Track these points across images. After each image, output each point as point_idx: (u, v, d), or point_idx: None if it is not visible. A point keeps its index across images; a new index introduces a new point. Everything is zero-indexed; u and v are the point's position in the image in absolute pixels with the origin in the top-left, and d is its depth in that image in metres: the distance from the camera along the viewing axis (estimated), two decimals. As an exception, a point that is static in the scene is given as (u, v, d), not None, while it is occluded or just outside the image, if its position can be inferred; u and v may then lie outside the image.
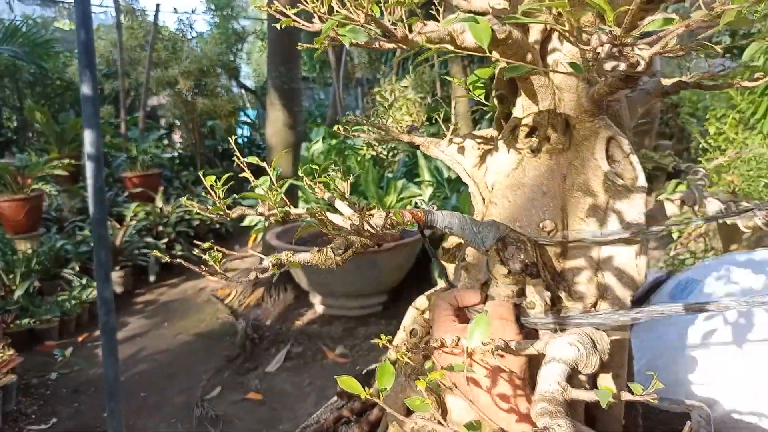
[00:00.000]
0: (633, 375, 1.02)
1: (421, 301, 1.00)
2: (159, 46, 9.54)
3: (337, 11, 0.65)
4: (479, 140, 1.02)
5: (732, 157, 2.92)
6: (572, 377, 0.69)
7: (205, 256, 0.67)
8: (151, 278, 5.88)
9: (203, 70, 9.40)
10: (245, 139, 12.28)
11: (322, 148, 6.74)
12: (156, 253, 0.77)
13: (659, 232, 0.89)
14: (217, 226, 7.24)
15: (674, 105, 6.04)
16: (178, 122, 10.28)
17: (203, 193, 6.71)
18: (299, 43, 0.71)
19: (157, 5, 9.58)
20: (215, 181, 0.77)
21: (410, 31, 0.69)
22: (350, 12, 0.63)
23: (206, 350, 4.32)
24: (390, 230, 0.69)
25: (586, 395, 0.60)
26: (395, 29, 0.66)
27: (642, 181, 0.86)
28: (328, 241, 0.73)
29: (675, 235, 4.04)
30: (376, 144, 6.65)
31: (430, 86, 6.74)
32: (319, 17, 0.67)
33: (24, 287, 4.98)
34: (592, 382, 0.87)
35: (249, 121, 12.50)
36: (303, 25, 0.70)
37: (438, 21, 0.78)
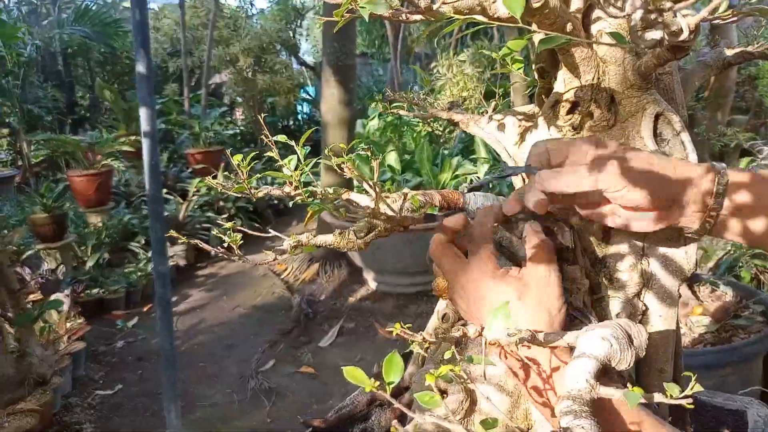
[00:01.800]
0: (681, 369, 0.95)
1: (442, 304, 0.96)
2: (221, 23, 9.71)
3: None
4: (520, 117, 0.97)
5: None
6: (606, 372, 0.64)
7: (225, 237, 0.66)
8: (212, 252, 6.06)
9: (263, 47, 9.51)
10: (305, 116, 12.41)
11: (378, 124, 6.71)
12: (216, 232, 0.77)
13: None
14: (275, 201, 7.37)
15: (751, 77, 5.65)
16: (239, 99, 10.48)
17: (261, 170, 6.84)
18: (317, 17, 0.68)
19: (219, -17, 9.73)
20: (242, 161, 0.76)
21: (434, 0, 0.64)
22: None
23: (262, 323, 4.43)
24: (411, 214, 0.66)
25: (616, 393, 0.55)
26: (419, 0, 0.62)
27: (693, 160, 0.79)
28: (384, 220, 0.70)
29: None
30: (432, 120, 6.55)
31: (488, 60, 6.56)
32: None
33: (95, 259, 5.25)
34: (632, 377, 0.82)
35: (308, 97, 12.60)
36: (330, -1, 0.67)
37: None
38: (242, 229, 0.69)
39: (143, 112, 2.26)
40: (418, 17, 0.68)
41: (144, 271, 5.22)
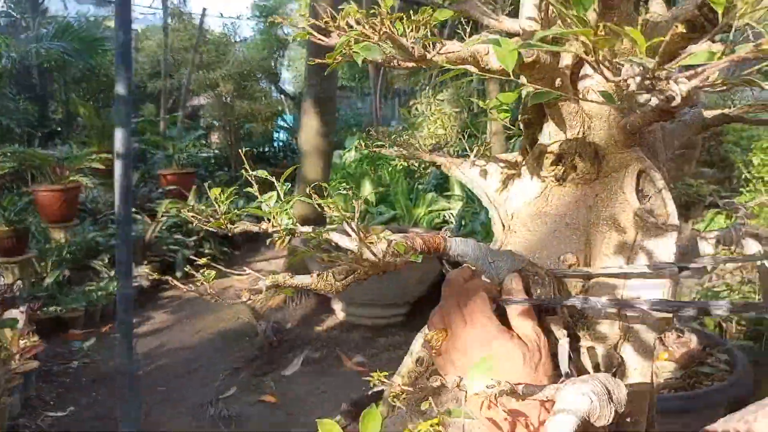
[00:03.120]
0: (655, 422, 0.95)
1: (433, 317, 0.95)
2: (204, 49, 9.72)
3: (354, 27, 0.62)
4: (503, 164, 0.98)
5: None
6: (585, 429, 0.63)
7: (198, 275, 0.64)
8: (178, 274, 5.95)
9: (244, 74, 9.54)
10: (281, 143, 12.40)
11: (355, 156, 6.75)
12: (184, 254, 0.74)
13: (691, 274, 0.84)
14: (247, 226, 7.28)
15: (718, 133, 5.87)
16: (216, 123, 10.44)
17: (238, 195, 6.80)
18: (311, 59, 0.68)
19: (204, 9, 9.77)
20: (220, 194, 0.75)
21: (430, 49, 0.65)
22: (365, 29, 0.59)
23: (226, 349, 4.33)
24: (393, 260, 0.65)
25: (596, 454, 0.55)
26: (413, 48, 0.62)
27: (674, 219, 0.80)
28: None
29: (709, 267, 3.90)
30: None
31: (466, 101, 6.69)
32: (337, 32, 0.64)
33: (54, 275, 5.10)
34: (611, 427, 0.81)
35: (285, 125, 12.62)
36: (318, 39, 0.67)
37: (464, 40, 0.74)
38: (214, 265, 0.68)
39: (119, 133, 2.22)
40: (410, 64, 0.68)
41: (105, 290, 5.08)
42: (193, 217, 0.75)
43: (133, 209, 6.42)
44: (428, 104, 6.58)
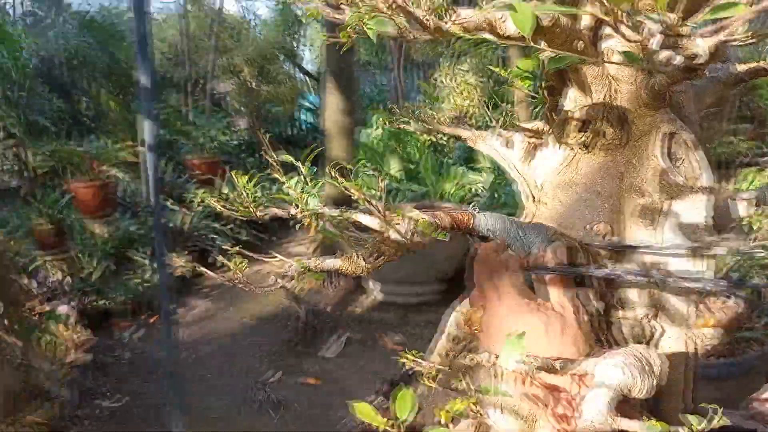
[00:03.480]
0: (695, 388, 0.94)
1: (471, 296, 0.95)
2: (223, 33, 9.74)
3: (366, 1, 0.60)
4: (528, 134, 0.96)
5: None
6: (626, 400, 0.62)
7: (228, 263, 0.65)
8: (225, 262, 6.06)
9: (265, 56, 9.53)
10: (307, 125, 12.39)
11: (380, 133, 6.71)
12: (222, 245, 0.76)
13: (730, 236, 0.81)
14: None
15: (754, 86, 5.63)
16: (242, 109, 10.49)
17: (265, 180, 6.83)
18: (322, 33, 0.67)
19: (220, -8, 9.76)
20: (246, 181, 0.75)
21: (444, 19, 0.63)
22: (377, 2, 0.58)
23: (268, 334, 4.41)
24: (420, 238, 0.65)
25: (635, 425, 0.54)
26: (426, 19, 0.61)
27: (706, 180, 0.78)
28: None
29: (755, 226, 3.77)
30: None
31: (490, 69, 6.55)
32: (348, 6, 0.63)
33: (100, 269, 5.24)
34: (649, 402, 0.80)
35: (309, 106, 12.60)
36: (330, 15, 0.66)
37: (479, 7, 0.72)
38: (245, 252, 0.68)
39: (146, 125, 2.26)
40: (426, 36, 0.67)
41: (149, 282, 5.20)
42: (222, 206, 0.76)
43: (168, 199, 6.55)
44: (452, 76, 6.48)
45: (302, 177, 0.77)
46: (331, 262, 0.64)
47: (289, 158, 0.78)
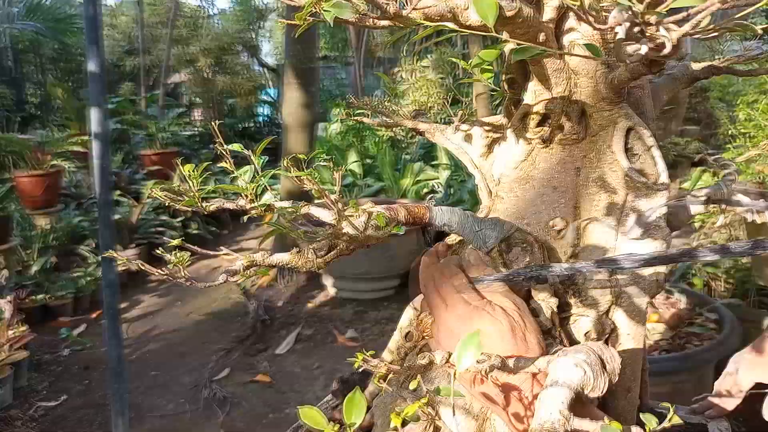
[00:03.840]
0: (647, 385, 0.94)
1: (421, 301, 0.92)
2: (180, 22, 9.50)
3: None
4: (487, 128, 0.94)
5: (766, 148, 2.79)
6: (579, 399, 0.61)
7: (170, 257, 0.61)
8: (166, 256, 5.91)
9: (223, 47, 9.34)
10: (265, 118, 12.23)
11: (339, 128, 6.66)
12: (172, 238, 0.71)
13: (679, 234, 0.81)
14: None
15: (703, 89, 5.84)
16: (198, 100, 10.27)
17: (220, 172, 6.71)
18: (280, 20, 0.64)
19: (178, -19, 9.51)
20: (193, 170, 0.71)
21: (406, 5, 0.60)
22: (334, -17, 0.55)
23: (217, 330, 4.32)
24: (376, 232, 0.62)
25: (591, 426, 0.52)
26: (386, 4, 0.58)
27: (664, 177, 0.78)
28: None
29: (697, 225, 3.91)
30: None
31: (450, 66, 6.60)
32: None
33: (41, 263, 5.02)
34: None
35: (269, 99, 12.43)
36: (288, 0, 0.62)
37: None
38: (189, 246, 0.64)
39: (94, 113, 2.16)
40: (385, 23, 0.64)
41: (93, 276, 5.02)
42: (165, 197, 0.72)
43: (118, 191, 6.34)
44: (412, 72, 6.49)
45: (254, 168, 0.73)
46: (280, 257, 0.61)
47: (239, 147, 0.74)
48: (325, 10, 0.58)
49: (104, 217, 2.20)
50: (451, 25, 0.66)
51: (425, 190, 5.62)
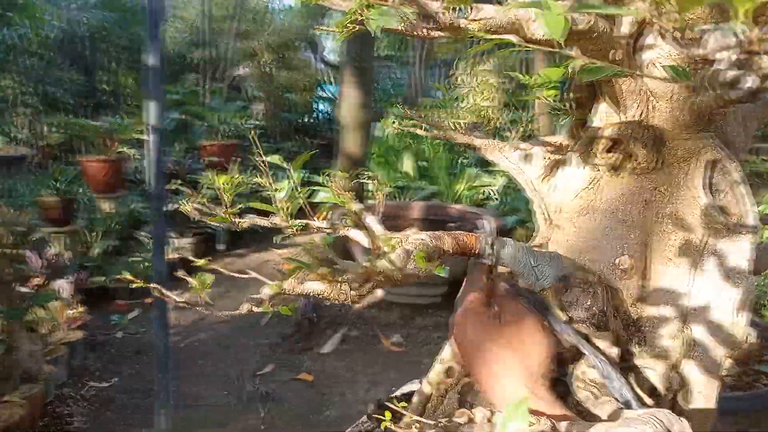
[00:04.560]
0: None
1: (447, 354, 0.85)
2: (245, 17, 9.67)
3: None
4: (549, 148, 0.86)
5: None
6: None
7: (192, 281, 0.56)
8: (220, 247, 6.01)
9: (286, 43, 9.45)
10: (325, 115, 12.30)
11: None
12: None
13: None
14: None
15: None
16: (259, 94, 10.43)
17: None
18: (317, 27, 0.58)
19: (245, -24, 9.68)
20: (225, 184, 0.66)
21: (462, 15, 0.54)
22: (383, -10, 0.49)
23: (264, 325, 4.34)
24: (415, 270, 0.56)
25: None
26: (441, 14, 0.51)
27: (753, 219, 0.68)
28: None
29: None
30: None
31: (512, 70, 6.43)
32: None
33: (102, 246, 5.20)
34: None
35: (328, 96, 12.50)
36: (332, 4, 0.57)
37: (502, 4, 0.63)
38: (216, 268, 0.60)
39: (151, 106, 2.18)
40: (438, 33, 0.57)
41: (150, 262, 5.16)
42: (195, 211, 0.68)
43: (179, 181, 6.50)
44: (472, 75, 6.36)
45: (292, 182, 0.68)
46: (312, 286, 0.55)
47: (279, 160, 0.69)
48: (370, 18, 0.52)
49: (156, 208, 2.22)
50: (513, 39, 0.59)
51: (480, 196, 5.50)
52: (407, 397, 1.13)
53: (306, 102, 10.38)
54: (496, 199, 5.34)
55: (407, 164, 5.93)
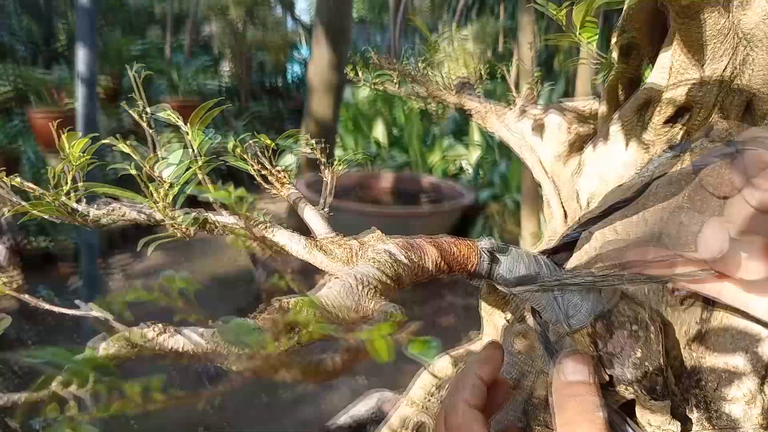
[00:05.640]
0: None
1: (442, 365, 0.62)
2: (214, -31, 9.11)
3: None
4: (571, 115, 0.62)
5: None
6: None
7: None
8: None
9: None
10: (297, 77, 11.85)
11: (368, 94, 6.30)
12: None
13: None
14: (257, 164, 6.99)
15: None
16: (226, 52, 9.94)
17: (243, 129, 6.44)
18: None
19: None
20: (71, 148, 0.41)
21: None
22: None
23: (219, 296, 4.09)
24: (369, 305, 0.32)
25: None
26: None
27: None
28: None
29: None
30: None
31: (492, 38, 6.17)
32: None
33: (46, 206, 4.83)
34: None
35: (301, 58, 12.04)
36: None
37: None
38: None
39: (82, 54, 1.86)
40: None
41: (103, 224, 4.82)
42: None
43: (129, 141, 6.11)
44: (450, 41, 6.08)
45: (191, 149, 0.43)
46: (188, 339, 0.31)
47: (170, 115, 0.44)
48: None
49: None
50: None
51: (452, 168, 5.26)
52: (359, 427, 0.89)
53: (278, 63, 9.95)
54: (470, 171, 5.12)
55: (379, 131, 5.65)
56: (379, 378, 2.86)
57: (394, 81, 0.83)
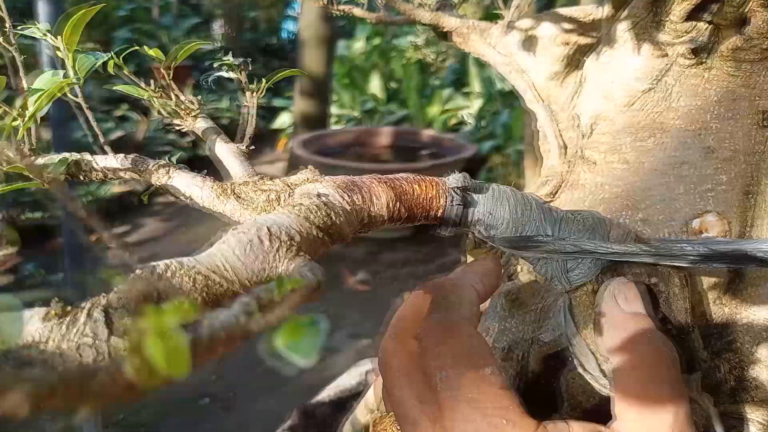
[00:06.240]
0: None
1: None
2: None
3: None
4: (568, 26, 0.51)
5: None
6: None
7: None
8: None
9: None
10: (291, 34, 11.56)
11: (364, 47, 6.09)
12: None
13: None
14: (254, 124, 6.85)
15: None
16: (217, 11, 9.67)
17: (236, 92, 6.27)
18: None
19: None
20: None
21: None
22: None
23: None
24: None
25: None
26: None
27: None
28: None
29: None
30: (424, 46, 5.95)
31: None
32: None
33: (39, 178, 4.74)
34: None
35: (294, 14, 11.72)
36: None
37: None
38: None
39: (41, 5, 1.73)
40: None
41: (95, 194, 4.75)
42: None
43: (127, 106, 5.97)
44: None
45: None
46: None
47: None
48: None
49: (59, 138, 1.83)
50: None
51: (453, 121, 5.11)
52: (340, 404, 0.81)
53: (271, 20, 9.68)
54: (472, 123, 4.96)
55: (375, 85, 5.47)
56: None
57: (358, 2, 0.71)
